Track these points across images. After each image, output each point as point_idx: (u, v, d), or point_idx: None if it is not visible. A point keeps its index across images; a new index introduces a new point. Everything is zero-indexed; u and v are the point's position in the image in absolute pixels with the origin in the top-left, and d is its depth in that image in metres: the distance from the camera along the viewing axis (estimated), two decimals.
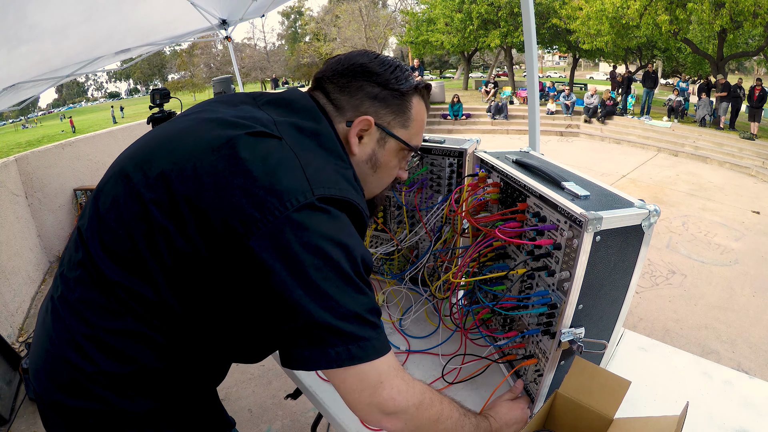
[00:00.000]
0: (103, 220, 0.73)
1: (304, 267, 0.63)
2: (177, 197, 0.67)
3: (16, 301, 3.68)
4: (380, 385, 0.68)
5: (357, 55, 0.86)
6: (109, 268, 0.70)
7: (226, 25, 4.52)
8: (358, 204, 0.73)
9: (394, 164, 0.90)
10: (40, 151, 4.83)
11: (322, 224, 0.66)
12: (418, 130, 0.89)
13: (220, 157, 0.68)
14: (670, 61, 19.66)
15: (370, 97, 0.82)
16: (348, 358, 0.65)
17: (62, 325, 0.73)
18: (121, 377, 0.71)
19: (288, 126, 0.75)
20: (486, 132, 13.21)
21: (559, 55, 44.77)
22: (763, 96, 10.59)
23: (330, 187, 0.68)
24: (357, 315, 0.66)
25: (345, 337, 0.65)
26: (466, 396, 1.06)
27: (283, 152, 0.70)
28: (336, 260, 0.65)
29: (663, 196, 7.51)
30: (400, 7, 28.59)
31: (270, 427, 2.48)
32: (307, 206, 0.65)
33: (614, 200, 0.87)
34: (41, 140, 23.04)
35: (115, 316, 0.70)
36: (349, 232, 0.70)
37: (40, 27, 2.52)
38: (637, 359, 1.16)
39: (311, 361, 0.66)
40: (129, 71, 49.28)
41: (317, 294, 0.64)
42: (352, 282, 0.67)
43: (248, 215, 0.64)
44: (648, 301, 4.27)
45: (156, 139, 0.77)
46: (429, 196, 1.33)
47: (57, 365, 0.72)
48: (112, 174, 0.77)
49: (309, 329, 0.64)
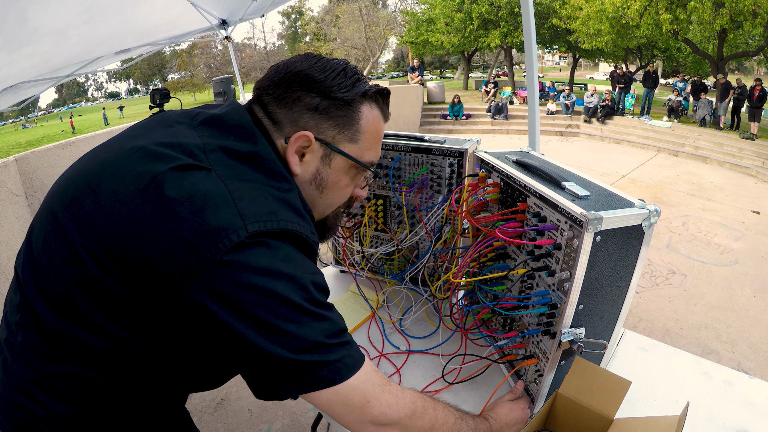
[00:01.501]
0: (35, 262, 0.70)
1: (251, 308, 0.60)
2: (107, 245, 0.63)
3: None
4: (367, 404, 0.67)
5: (296, 61, 0.77)
6: (46, 314, 0.67)
7: (226, 25, 4.52)
8: (300, 232, 0.67)
9: (344, 183, 0.81)
10: (40, 151, 4.83)
11: (261, 260, 0.61)
12: (371, 144, 0.80)
13: (145, 198, 0.63)
14: (670, 61, 19.65)
15: (310, 109, 0.74)
16: (321, 382, 0.64)
17: (10, 370, 0.71)
18: (72, 417, 0.70)
19: (218, 152, 0.68)
20: (486, 132, 13.20)
21: (559, 55, 44.77)
22: (762, 96, 10.58)
23: (266, 221, 0.63)
24: (320, 344, 0.63)
25: (312, 366, 0.63)
26: (466, 396, 1.06)
27: (211, 186, 0.63)
28: (284, 294, 0.61)
29: (663, 196, 7.51)
30: (400, 7, 28.59)
31: (270, 427, 2.48)
32: (241, 245, 0.60)
33: (614, 200, 0.87)
34: (41, 140, 23.04)
35: (58, 361, 0.68)
36: (293, 260, 0.65)
37: (41, 28, 2.53)
38: (637, 359, 1.16)
39: (283, 391, 0.64)
40: (129, 71, 49.25)
41: (272, 333, 0.61)
42: (307, 311, 0.63)
43: (181, 261, 0.59)
44: (648, 301, 4.27)
45: (82, 173, 0.71)
46: (429, 196, 1.33)
47: (10, 409, 0.71)
48: (43, 210, 0.73)
49: (273, 366, 0.62)
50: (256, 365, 0.63)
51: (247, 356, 0.63)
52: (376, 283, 1.49)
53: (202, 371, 0.79)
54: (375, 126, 0.80)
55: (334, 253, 1.60)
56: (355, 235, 1.51)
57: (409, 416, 0.71)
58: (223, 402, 2.67)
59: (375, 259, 1.51)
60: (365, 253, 1.47)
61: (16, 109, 9.57)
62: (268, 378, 0.64)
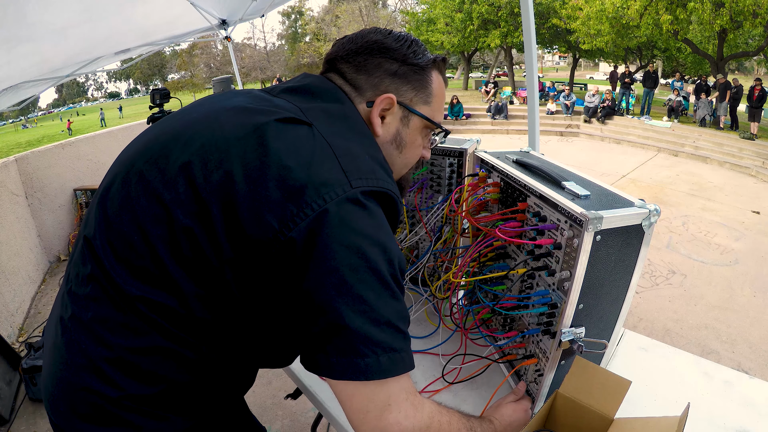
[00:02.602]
0: (113, 227, 0.67)
1: (339, 266, 0.59)
2: (202, 194, 0.61)
3: (16, 301, 3.68)
4: (388, 408, 0.63)
5: (370, 32, 0.81)
6: (126, 281, 0.64)
7: (225, 25, 4.52)
8: (394, 194, 0.69)
9: (419, 143, 0.86)
10: (40, 151, 4.83)
11: (361, 221, 0.61)
12: (439, 106, 0.85)
13: (248, 146, 0.63)
14: (670, 61, 19.65)
15: (390, 74, 0.78)
16: (377, 370, 0.60)
17: (77, 349, 0.66)
18: (150, 398, 0.66)
19: (315, 111, 0.71)
20: (486, 132, 13.21)
21: (559, 55, 44.78)
22: (762, 96, 10.58)
23: (368, 178, 0.64)
24: (390, 323, 0.62)
25: (376, 345, 0.60)
26: (466, 396, 1.06)
27: (316, 140, 0.65)
28: (374, 261, 0.60)
29: (663, 196, 7.51)
30: (400, 7, 28.63)
31: (270, 427, 2.48)
32: (346, 200, 0.61)
33: (614, 200, 0.87)
34: (41, 140, 23.03)
35: (139, 333, 0.64)
36: (386, 230, 0.65)
37: (40, 27, 2.52)
38: (637, 359, 1.15)
39: (337, 370, 0.60)
40: (129, 71, 49.29)
41: (350, 296, 0.59)
42: (388, 286, 0.62)
43: (285, 209, 0.59)
44: (648, 301, 4.27)
45: (167, 132, 0.71)
46: (429, 196, 1.33)
47: (76, 394, 0.66)
48: (118, 174, 0.70)
49: (338, 333, 0.59)
50: (322, 330, 0.60)
51: (317, 318, 0.60)
52: None
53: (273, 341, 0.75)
54: (441, 90, 0.85)
55: None
56: None
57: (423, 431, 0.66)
58: None
59: None
60: None
61: (16, 109, 9.57)
62: (328, 348, 0.60)
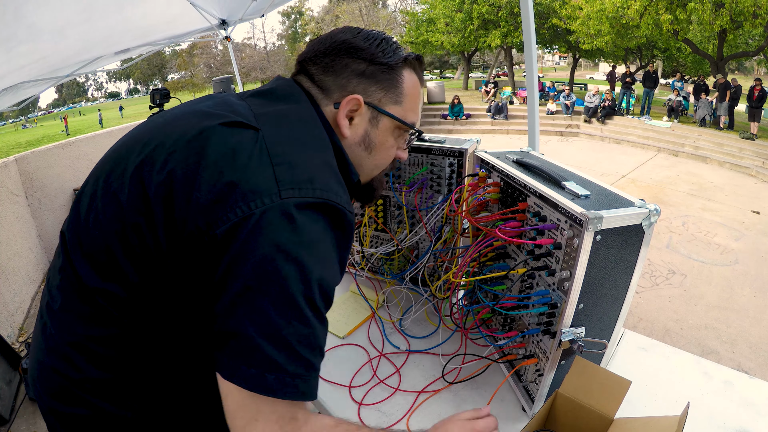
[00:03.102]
0: (80, 224, 0.72)
1: (247, 274, 0.59)
2: (149, 193, 0.65)
3: (16, 301, 3.68)
4: (254, 422, 0.60)
5: (339, 32, 0.81)
6: (87, 274, 0.69)
7: (225, 25, 4.52)
8: (339, 204, 0.65)
9: (390, 144, 0.85)
10: (40, 151, 4.83)
11: (281, 234, 0.60)
12: (412, 106, 0.84)
13: (191, 149, 0.65)
14: (670, 61, 19.64)
15: (357, 74, 0.78)
16: (258, 385, 0.59)
17: (49, 334, 0.73)
18: (107, 383, 0.71)
19: (267, 116, 0.72)
20: (486, 132, 13.20)
21: (559, 55, 44.77)
22: (762, 96, 10.58)
23: (304, 188, 0.62)
24: (288, 345, 0.59)
25: (266, 361, 0.59)
26: (466, 396, 1.06)
27: (256, 146, 0.65)
28: (284, 278, 0.59)
29: (663, 196, 7.51)
30: (400, 7, 28.61)
31: None
32: (271, 210, 0.60)
33: (614, 200, 0.87)
34: (41, 140, 23.02)
35: (96, 323, 0.69)
36: (314, 247, 0.62)
37: (39, 26, 2.52)
38: (637, 359, 1.15)
39: (226, 371, 0.60)
40: (129, 71, 49.26)
41: (250, 306, 0.59)
42: (296, 307, 0.60)
43: (212, 211, 0.61)
44: (648, 301, 4.27)
45: (135, 135, 0.75)
46: (429, 196, 1.33)
47: (47, 374, 0.73)
48: (92, 175, 0.75)
49: (234, 337, 0.60)
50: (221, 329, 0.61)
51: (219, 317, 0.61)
52: (376, 283, 1.49)
53: None
54: (415, 89, 0.84)
55: None
56: (355, 234, 1.51)
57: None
58: None
59: (375, 259, 1.51)
60: (365, 252, 1.47)
61: (16, 109, 9.57)
62: (226, 350, 0.61)
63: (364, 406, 1.05)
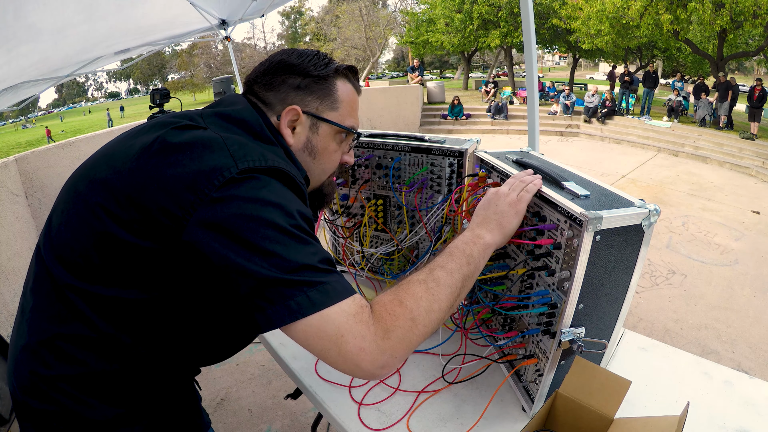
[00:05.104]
0: (53, 233, 0.77)
1: (240, 233, 0.64)
2: (119, 198, 0.70)
3: (16, 301, 3.68)
4: (342, 338, 0.64)
5: (277, 55, 0.91)
6: (60, 273, 0.73)
7: (225, 25, 4.52)
8: (288, 170, 0.74)
9: (333, 148, 0.92)
10: (40, 151, 4.83)
11: (250, 191, 0.67)
12: (349, 111, 0.92)
13: (152, 154, 0.72)
14: (670, 61, 19.66)
15: (294, 87, 0.86)
16: (310, 305, 0.63)
17: (23, 332, 0.77)
18: (74, 379, 0.73)
19: (213, 116, 0.80)
20: (486, 132, 13.20)
21: (559, 55, 44.78)
22: (763, 96, 10.58)
23: (255, 160, 0.70)
24: (306, 266, 0.65)
25: (301, 285, 0.64)
26: (466, 396, 1.06)
27: (208, 136, 0.73)
28: (270, 219, 0.66)
29: (663, 196, 7.51)
30: (400, 7, 28.60)
31: (270, 427, 2.48)
32: (233, 180, 0.67)
33: (614, 200, 0.87)
34: (41, 140, 23.04)
35: (65, 320, 0.73)
36: (281, 193, 0.70)
37: (39, 27, 2.52)
38: (637, 359, 1.16)
39: (277, 318, 0.64)
40: (129, 71, 49.25)
41: (260, 254, 0.64)
42: (293, 235, 0.67)
43: (184, 199, 0.66)
44: (648, 301, 4.27)
45: (102, 153, 0.82)
46: (429, 196, 1.33)
47: (20, 370, 0.76)
48: (64, 191, 0.81)
49: (263, 288, 0.63)
50: (248, 291, 0.64)
51: (239, 283, 0.64)
52: (376, 283, 1.49)
53: (201, 332, 0.81)
54: (350, 96, 0.92)
55: (334, 253, 1.60)
56: (355, 235, 1.51)
57: (383, 336, 0.66)
58: (223, 402, 2.67)
59: (375, 259, 1.51)
60: (365, 253, 1.47)
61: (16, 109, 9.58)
62: (261, 305, 0.64)
63: (364, 406, 1.05)
